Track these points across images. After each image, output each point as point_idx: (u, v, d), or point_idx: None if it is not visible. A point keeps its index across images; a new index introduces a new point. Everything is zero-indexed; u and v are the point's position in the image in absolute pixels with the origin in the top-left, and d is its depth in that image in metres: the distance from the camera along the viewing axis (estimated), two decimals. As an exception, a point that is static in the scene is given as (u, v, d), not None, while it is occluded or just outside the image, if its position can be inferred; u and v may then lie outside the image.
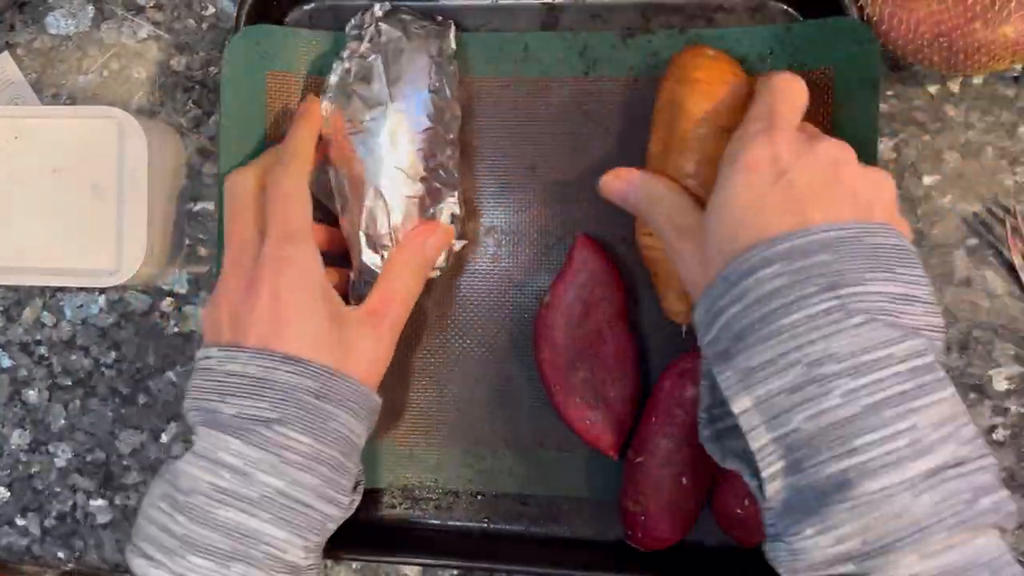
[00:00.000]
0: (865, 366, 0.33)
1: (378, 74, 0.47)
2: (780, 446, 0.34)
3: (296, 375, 0.40)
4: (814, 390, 0.33)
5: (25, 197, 0.52)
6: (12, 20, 0.57)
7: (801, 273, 0.35)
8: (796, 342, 0.34)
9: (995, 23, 0.44)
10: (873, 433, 0.33)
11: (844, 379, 0.33)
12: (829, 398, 0.33)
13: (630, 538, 0.48)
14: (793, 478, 0.34)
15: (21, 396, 0.57)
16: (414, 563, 0.52)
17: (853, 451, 0.33)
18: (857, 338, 0.33)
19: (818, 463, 0.33)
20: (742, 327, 0.35)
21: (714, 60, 0.45)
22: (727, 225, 0.37)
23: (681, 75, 0.45)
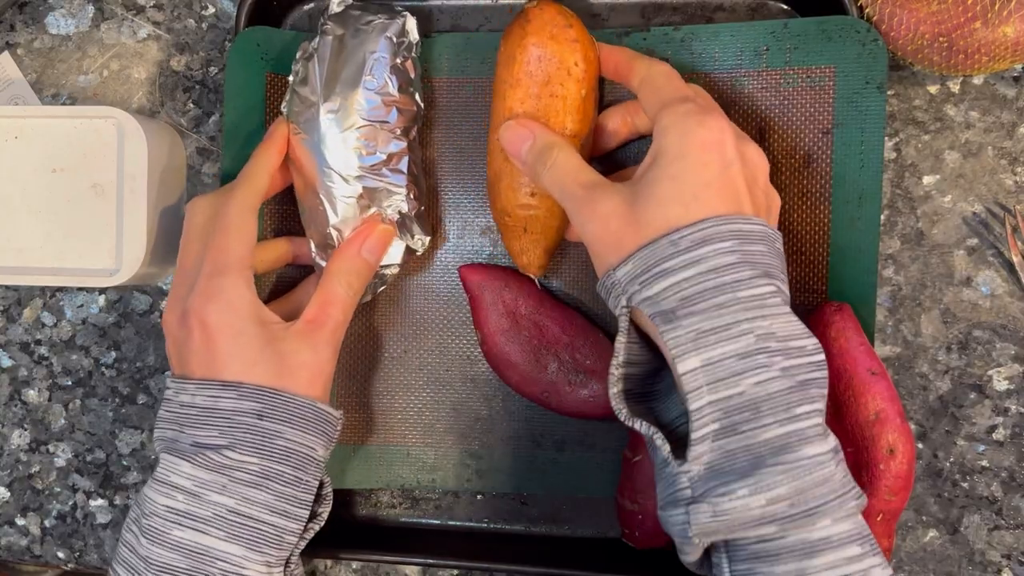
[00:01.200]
0: (795, 351, 0.36)
1: (314, 74, 0.46)
2: (718, 409, 0.36)
3: (237, 399, 0.41)
4: (763, 359, 0.36)
5: (25, 197, 0.52)
6: (12, 20, 0.57)
7: (748, 256, 0.37)
8: (748, 315, 0.36)
9: (995, 23, 0.44)
10: (809, 404, 0.36)
11: (781, 356, 0.36)
12: (771, 369, 0.36)
13: (627, 536, 0.48)
14: (725, 440, 0.36)
15: (21, 396, 0.57)
16: (414, 563, 0.52)
17: (795, 417, 0.35)
18: (789, 325, 0.37)
19: (760, 426, 0.35)
20: (695, 291, 0.37)
21: (543, 11, 0.44)
22: (679, 194, 0.38)
23: (517, 33, 0.45)
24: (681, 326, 0.36)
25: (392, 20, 0.47)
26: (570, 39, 0.44)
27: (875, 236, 0.47)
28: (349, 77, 0.46)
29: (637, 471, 0.46)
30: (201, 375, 0.42)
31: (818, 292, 0.47)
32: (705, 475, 0.36)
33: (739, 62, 0.48)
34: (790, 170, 0.48)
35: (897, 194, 0.51)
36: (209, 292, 0.42)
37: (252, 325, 0.42)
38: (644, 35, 0.49)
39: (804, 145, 0.48)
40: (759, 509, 0.34)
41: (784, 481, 0.34)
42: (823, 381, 0.37)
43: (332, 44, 0.47)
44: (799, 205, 0.48)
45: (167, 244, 0.54)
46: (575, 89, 0.44)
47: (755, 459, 0.35)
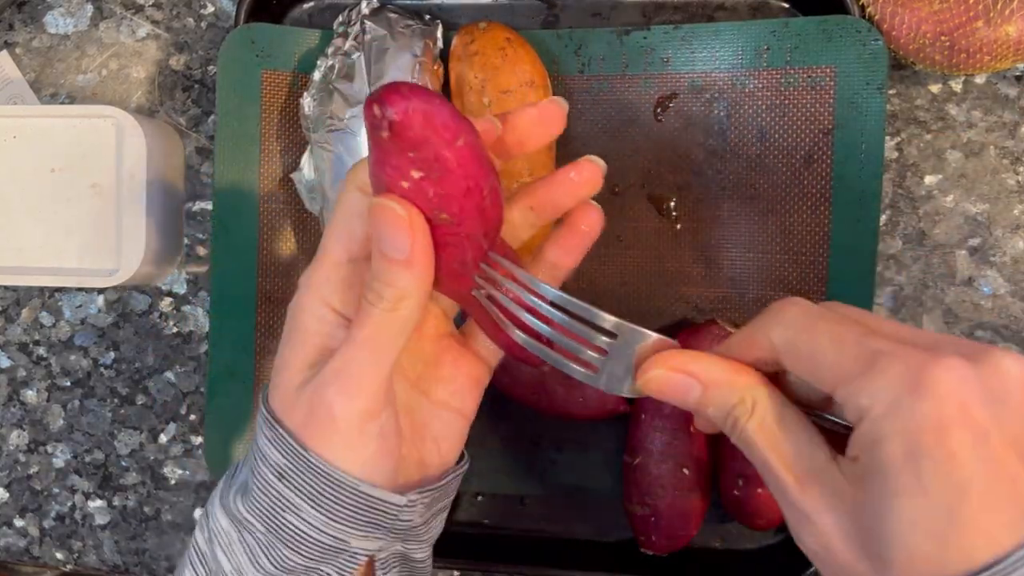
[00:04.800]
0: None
1: (360, 72, 0.47)
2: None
3: (268, 441, 0.32)
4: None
5: (24, 197, 0.52)
6: (11, 19, 0.57)
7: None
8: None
9: (997, 22, 0.44)
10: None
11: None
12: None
13: (644, 544, 0.47)
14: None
15: (20, 396, 0.56)
16: (414, 564, 0.52)
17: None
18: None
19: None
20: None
21: (485, 31, 0.47)
22: (925, 523, 0.25)
23: (460, 52, 0.47)
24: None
25: (428, 26, 0.49)
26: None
27: (875, 236, 0.46)
28: (396, 78, 0.47)
29: (640, 474, 0.46)
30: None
31: (818, 293, 0.47)
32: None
33: (740, 61, 0.48)
34: (790, 170, 0.48)
35: (899, 194, 0.50)
36: (313, 267, 0.33)
37: (310, 328, 0.33)
38: (645, 34, 0.49)
39: (804, 145, 0.48)
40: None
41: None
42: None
43: (376, 44, 0.47)
44: (799, 206, 0.48)
45: (166, 244, 0.53)
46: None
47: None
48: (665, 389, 0.31)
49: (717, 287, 0.49)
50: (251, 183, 0.51)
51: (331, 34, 0.50)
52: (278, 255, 0.52)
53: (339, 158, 0.47)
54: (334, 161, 0.47)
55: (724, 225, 0.49)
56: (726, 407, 0.30)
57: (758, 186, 0.48)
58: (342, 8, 0.51)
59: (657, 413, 0.46)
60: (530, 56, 0.47)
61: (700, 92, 0.49)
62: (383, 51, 0.47)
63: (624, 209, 0.50)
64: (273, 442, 0.32)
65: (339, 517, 0.32)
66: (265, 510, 0.32)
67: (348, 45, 0.48)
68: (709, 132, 0.49)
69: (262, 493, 0.32)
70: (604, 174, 0.36)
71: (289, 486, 0.32)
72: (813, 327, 0.29)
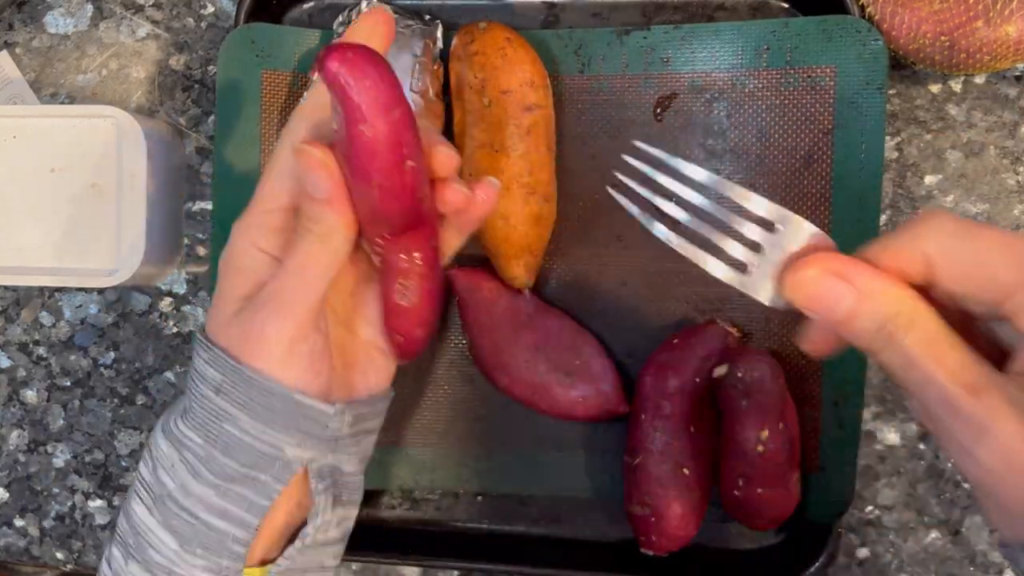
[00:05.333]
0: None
1: None
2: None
3: (205, 362, 0.36)
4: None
5: (23, 197, 0.52)
6: (11, 19, 0.57)
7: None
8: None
9: (997, 22, 0.44)
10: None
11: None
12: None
13: (644, 544, 0.47)
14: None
15: (20, 396, 0.56)
16: (414, 564, 0.52)
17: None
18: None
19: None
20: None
21: (485, 31, 0.47)
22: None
23: (460, 52, 0.47)
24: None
25: (428, 26, 0.49)
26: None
27: (875, 236, 0.46)
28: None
29: (640, 474, 0.46)
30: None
31: (819, 292, 0.47)
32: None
33: (739, 61, 0.48)
34: (790, 170, 0.48)
35: (899, 194, 0.50)
36: (244, 214, 0.38)
37: (243, 265, 0.37)
38: (645, 34, 0.49)
39: (804, 145, 0.48)
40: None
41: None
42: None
43: None
44: (799, 206, 0.48)
45: (166, 244, 0.53)
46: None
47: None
48: (814, 295, 0.28)
49: (717, 287, 0.49)
50: (251, 183, 0.50)
51: (331, 34, 0.50)
52: (278, 255, 0.52)
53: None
54: None
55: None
56: (881, 320, 0.27)
57: (758, 186, 0.48)
58: (342, 8, 0.51)
59: (657, 413, 0.46)
60: (530, 56, 0.47)
61: (700, 92, 0.49)
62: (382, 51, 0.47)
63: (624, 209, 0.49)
64: (210, 362, 0.36)
65: (273, 424, 0.35)
66: (204, 423, 0.36)
67: None
68: (709, 132, 0.49)
69: (201, 408, 0.36)
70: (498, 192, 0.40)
71: (226, 399, 0.35)
72: (976, 235, 0.27)
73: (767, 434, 0.44)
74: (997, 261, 0.26)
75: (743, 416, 0.44)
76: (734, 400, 0.45)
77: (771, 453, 0.44)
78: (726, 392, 0.45)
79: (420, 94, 0.47)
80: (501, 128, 0.45)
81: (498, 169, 0.45)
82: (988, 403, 0.26)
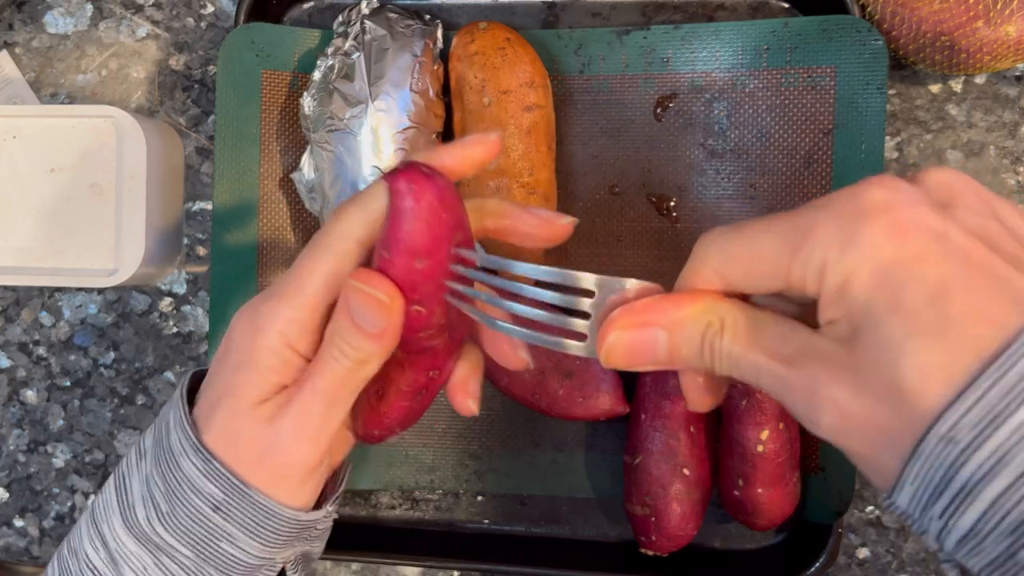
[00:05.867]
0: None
1: (360, 72, 0.47)
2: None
3: (201, 474, 0.32)
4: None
5: (23, 197, 0.52)
6: (11, 19, 0.57)
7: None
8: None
9: (997, 22, 0.44)
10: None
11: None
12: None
13: (644, 544, 0.47)
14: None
15: (19, 396, 0.56)
16: (414, 564, 0.52)
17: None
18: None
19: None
20: (1020, 516, 0.22)
21: (485, 31, 0.47)
22: (915, 331, 0.23)
23: (460, 52, 0.47)
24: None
25: (428, 26, 0.49)
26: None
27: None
28: (396, 78, 0.47)
29: (640, 473, 0.46)
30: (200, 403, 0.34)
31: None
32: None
33: (740, 61, 0.48)
34: (790, 170, 0.48)
35: None
36: (256, 299, 0.34)
37: (268, 364, 0.32)
38: (645, 33, 0.49)
39: (804, 145, 0.48)
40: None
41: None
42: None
43: (376, 44, 0.47)
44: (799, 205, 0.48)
45: (166, 244, 0.53)
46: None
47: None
48: (628, 351, 0.29)
49: (717, 287, 0.49)
50: (251, 183, 0.51)
51: (331, 34, 0.50)
52: (278, 255, 0.52)
53: (339, 158, 0.47)
54: (334, 161, 0.47)
55: (724, 225, 0.48)
56: (697, 338, 0.28)
57: (758, 186, 0.48)
58: (342, 8, 0.51)
59: (657, 413, 0.46)
60: (530, 56, 0.47)
61: (700, 92, 0.49)
62: (383, 51, 0.47)
63: (624, 209, 0.50)
64: (209, 476, 0.32)
65: (276, 543, 0.33)
66: (196, 539, 0.33)
67: (348, 45, 0.48)
68: (709, 132, 0.49)
69: (192, 522, 0.32)
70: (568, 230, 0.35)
71: (226, 518, 0.32)
72: (739, 232, 0.28)
73: (767, 434, 0.44)
74: (763, 247, 0.27)
75: (743, 416, 0.44)
76: (734, 400, 0.45)
77: (771, 453, 0.44)
78: (726, 392, 0.45)
79: (420, 94, 0.47)
80: (501, 128, 0.45)
81: (498, 169, 0.45)
82: (810, 371, 0.26)
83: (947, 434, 0.22)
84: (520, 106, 0.46)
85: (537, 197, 0.46)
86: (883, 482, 0.25)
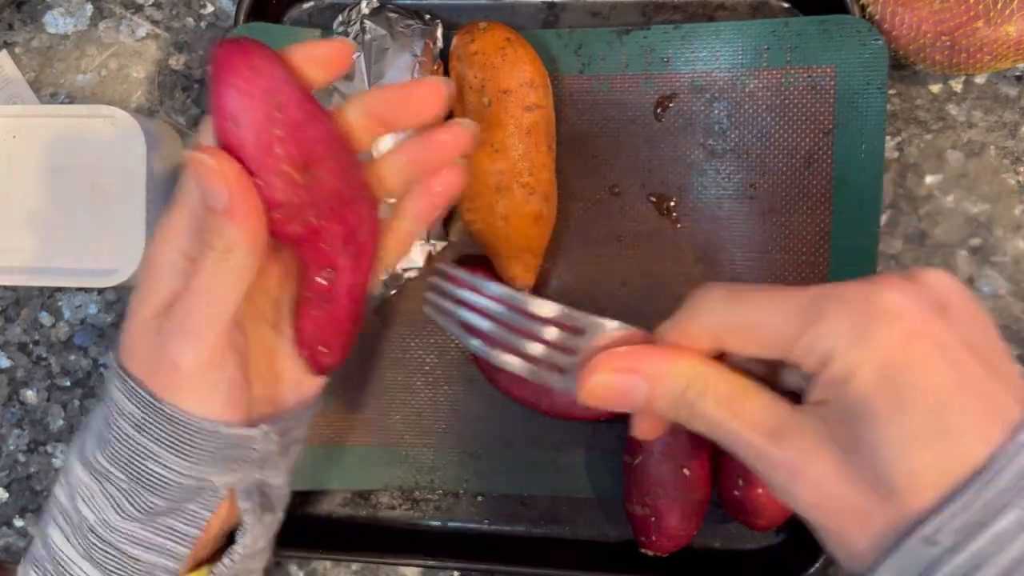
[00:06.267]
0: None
1: (360, 72, 0.47)
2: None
3: (123, 395, 0.33)
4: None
5: (23, 197, 0.52)
6: (10, 19, 0.57)
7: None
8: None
9: (998, 22, 0.44)
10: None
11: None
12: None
13: (644, 544, 0.47)
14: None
15: (19, 396, 0.56)
16: (414, 564, 0.52)
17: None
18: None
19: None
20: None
21: (485, 31, 0.47)
22: (913, 433, 0.25)
23: (460, 52, 0.47)
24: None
25: (428, 26, 0.49)
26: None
27: (876, 237, 0.46)
28: (395, 78, 0.47)
29: (640, 473, 0.46)
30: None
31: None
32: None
33: (740, 61, 0.48)
34: (791, 170, 0.48)
35: (899, 194, 0.50)
36: (161, 222, 0.34)
37: (160, 273, 0.33)
38: (645, 33, 0.49)
39: (805, 145, 0.48)
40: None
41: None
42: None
43: (376, 44, 0.47)
44: (799, 206, 0.48)
45: (166, 244, 0.53)
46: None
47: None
48: (609, 394, 0.30)
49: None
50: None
51: (331, 34, 0.50)
52: (278, 255, 0.52)
53: None
54: None
55: (724, 225, 0.48)
56: (676, 395, 0.29)
57: (758, 186, 0.48)
58: (342, 8, 0.51)
59: (657, 413, 0.46)
60: (530, 56, 0.47)
61: (700, 92, 0.49)
62: (383, 51, 0.47)
63: (624, 209, 0.50)
64: (127, 395, 0.33)
65: (200, 459, 0.33)
66: (126, 460, 0.33)
67: None
68: (709, 132, 0.49)
69: (121, 444, 0.33)
70: (474, 135, 0.37)
71: (148, 436, 0.33)
72: (745, 298, 0.28)
73: (767, 434, 0.44)
74: (767, 320, 0.28)
75: (743, 416, 0.44)
76: None
77: (771, 453, 0.44)
78: None
79: None
80: (501, 128, 0.45)
81: (498, 169, 0.45)
82: (792, 445, 0.27)
83: (932, 536, 0.24)
84: (520, 106, 0.46)
85: (537, 197, 0.46)
86: (848, 560, 0.26)
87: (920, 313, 0.26)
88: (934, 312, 0.26)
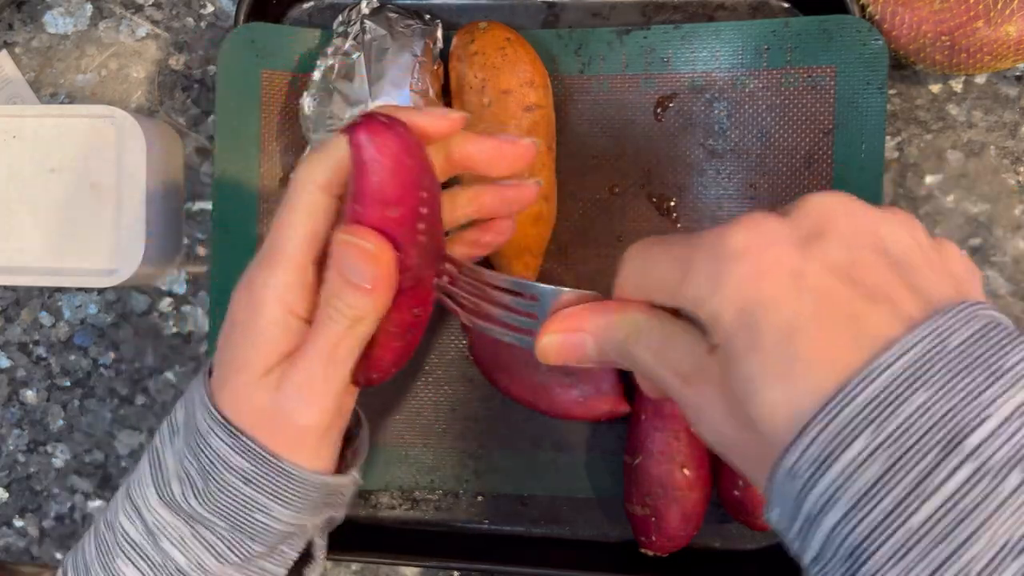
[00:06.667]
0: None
1: (360, 72, 0.47)
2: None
3: (230, 449, 0.34)
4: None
5: (23, 197, 0.52)
6: (10, 19, 0.57)
7: (900, 442, 0.23)
8: (944, 548, 0.22)
9: (998, 22, 0.44)
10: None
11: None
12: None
13: (644, 544, 0.47)
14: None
15: (19, 396, 0.56)
16: (414, 564, 0.52)
17: None
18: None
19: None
20: (853, 544, 0.23)
21: (485, 31, 0.47)
22: (765, 370, 0.25)
23: (460, 52, 0.47)
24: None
25: (428, 26, 0.49)
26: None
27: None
28: (396, 78, 0.47)
29: (641, 473, 0.46)
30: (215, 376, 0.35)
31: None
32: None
33: (740, 61, 0.48)
34: (791, 170, 0.48)
35: (899, 194, 0.50)
36: (250, 269, 0.34)
37: (273, 334, 0.33)
38: (645, 33, 0.49)
39: (804, 145, 0.48)
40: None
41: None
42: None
43: (376, 44, 0.47)
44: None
45: (166, 244, 0.53)
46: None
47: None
48: (560, 352, 0.32)
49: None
50: (251, 183, 0.51)
51: (331, 34, 0.50)
52: (278, 255, 0.52)
53: None
54: None
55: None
56: (617, 344, 0.30)
57: (758, 186, 0.48)
58: (342, 8, 0.51)
59: (657, 413, 0.46)
60: (530, 56, 0.47)
61: (700, 92, 0.49)
62: (383, 51, 0.47)
63: (624, 209, 0.50)
64: (236, 450, 0.33)
65: (303, 508, 0.35)
66: (231, 511, 0.34)
67: (348, 45, 0.48)
68: (709, 132, 0.49)
69: (224, 495, 0.34)
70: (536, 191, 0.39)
71: (257, 489, 0.34)
72: (648, 252, 0.29)
73: (767, 434, 0.44)
74: (658, 273, 0.29)
75: (743, 416, 0.44)
76: None
77: (771, 453, 0.44)
78: None
79: (420, 94, 0.47)
80: (501, 128, 0.45)
81: None
82: (697, 390, 0.28)
83: (792, 469, 0.24)
84: (520, 106, 0.46)
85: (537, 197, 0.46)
86: (757, 483, 0.27)
87: (769, 247, 0.25)
88: (791, 242, 0.25)
